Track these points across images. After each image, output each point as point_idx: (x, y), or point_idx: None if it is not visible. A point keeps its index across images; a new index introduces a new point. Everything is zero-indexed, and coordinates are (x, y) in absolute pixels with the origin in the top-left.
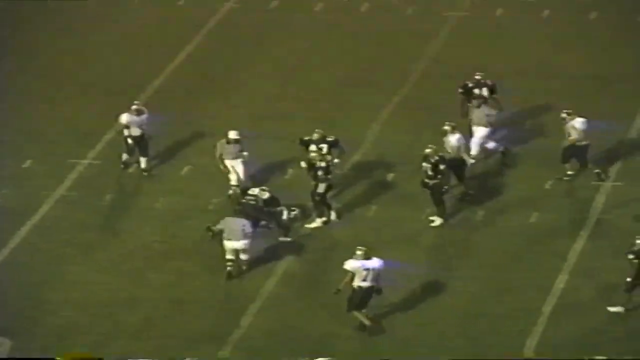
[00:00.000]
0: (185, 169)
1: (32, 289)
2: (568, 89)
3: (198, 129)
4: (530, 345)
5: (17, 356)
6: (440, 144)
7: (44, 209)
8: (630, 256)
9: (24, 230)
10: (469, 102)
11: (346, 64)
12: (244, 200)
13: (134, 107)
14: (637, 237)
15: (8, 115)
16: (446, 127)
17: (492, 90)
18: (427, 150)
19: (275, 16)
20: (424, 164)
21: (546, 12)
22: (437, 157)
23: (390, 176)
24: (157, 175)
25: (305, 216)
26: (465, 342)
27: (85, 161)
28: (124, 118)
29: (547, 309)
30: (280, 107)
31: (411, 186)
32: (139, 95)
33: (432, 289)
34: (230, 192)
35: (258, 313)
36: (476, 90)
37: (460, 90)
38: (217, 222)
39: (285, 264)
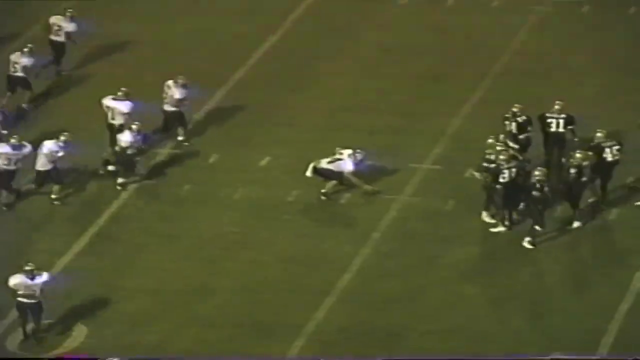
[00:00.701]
0: (265, 160)
1: (108, 276)
2: None
3: (278, 120)
4: (606, 343)
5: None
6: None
7: (123, 197)
8: None
9: (102, 219)
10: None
11: (428, 56)
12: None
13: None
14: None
15: (89, 103)
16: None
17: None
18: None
19: (358, 8)
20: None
21: (632, 9)
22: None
23: (469, 171)
24: (236, 166)
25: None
26: (540, 338)
27: (166, 151)
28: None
29: (623, 307)
30: (360, 100)
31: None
32: (220, 87)
33: (507, 283)
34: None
35: (333, 307)
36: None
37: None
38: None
39: (361, 259)
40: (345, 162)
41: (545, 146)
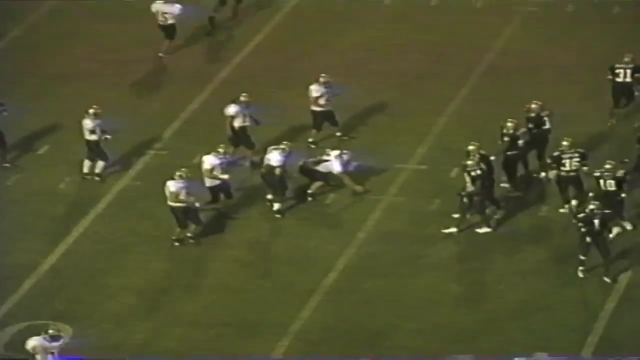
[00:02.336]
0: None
1: (93, 275)
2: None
3: (264, 118)
4: (592, 342)
5: (77, 341)
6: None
7: (108, 197)
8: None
9: (88, 219)
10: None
11: (413, 55)
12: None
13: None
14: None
15: (75, 101)
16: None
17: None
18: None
19: (343, 7)
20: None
21: (617, 9)
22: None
23: (455, 171)
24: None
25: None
26: (525, 335)
27: (151, 151)
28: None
29: (609, 306)
30: (345, 98)
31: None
32: (205, 86)
33: (491, 282)
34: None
35: (318, 306)
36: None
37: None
38: None
39: (346, 258)
40: (333, 162)
41: (613, 96)
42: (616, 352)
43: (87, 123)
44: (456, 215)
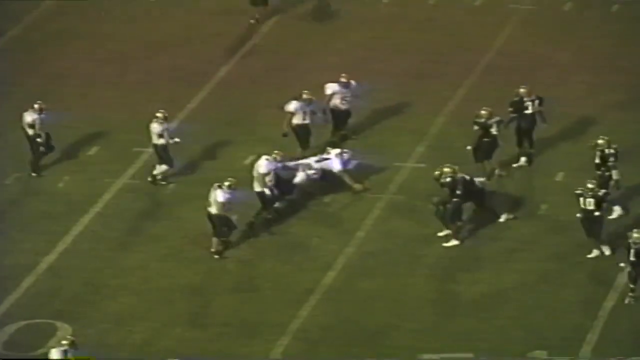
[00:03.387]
0: (249, 159)
1: (92, 275)
2: (635, 84)
3: (262, 118)
4: (591, 340)
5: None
6: None
7: (107, 196)
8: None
9: (87, 218)
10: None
11: (411, 55)
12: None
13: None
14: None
15: (74, 101)
16: None
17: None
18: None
19: (341, 7)
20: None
21: (615, 7)
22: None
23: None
24: (221, 165)
25: None
26: (524, 334)
27: (150, 149)
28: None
29: (608, 303)
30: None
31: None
32: (204, 86)
33: (491, 281)
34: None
35: (317, 305)
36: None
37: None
38: None
39: (345, 257)
40: (333, 161)
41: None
42: (616, 350)
43: (155, 127)
44: (442, 233)
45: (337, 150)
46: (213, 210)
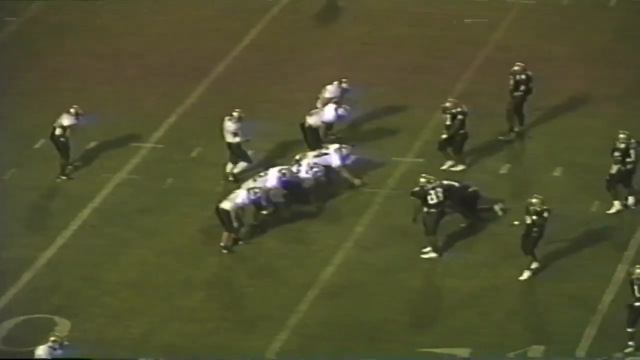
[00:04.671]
0: (248, 153)
1: (91, 270)
2: (633, 79)
3: (260, 113)
4: (589, 335)
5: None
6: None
7: (106, 192)
8: None
9: (85, 213)
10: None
11: (410, 49)
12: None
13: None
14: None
15: (72, 96)
16: None
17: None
18: None
19: (339, 1)
20: None
21: (613, 1)
22: None
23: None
24: (219, 159)
25: None
26: (522, 329)
27: (148, 145)
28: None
29: (607, 298)
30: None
31: (474, 174)
32: (202, 80)
33: (489, 276)
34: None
35: (315, 300)
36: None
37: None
38: None
39: (344, 252)
40: (332, 156)
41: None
42: (614, 345)
43: (229, 125)
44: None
45: (336, 146)
46: (226, 206)
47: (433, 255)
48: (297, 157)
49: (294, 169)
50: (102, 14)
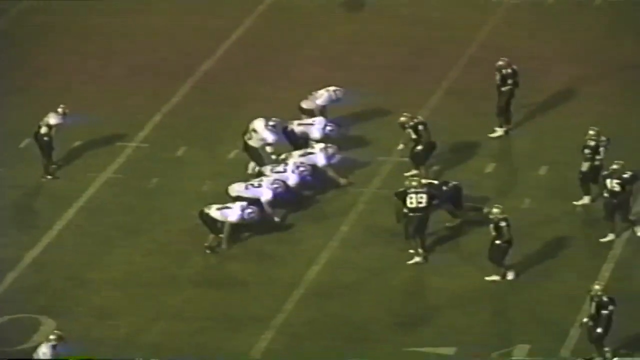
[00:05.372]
0: (233, 153)
1: (76, 269)
2: (617, 77)
3: (245, 112)
4: (574, 335)
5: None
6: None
7: (91, 191)
8: None
9: (71, 212)
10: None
11: (395, 48)
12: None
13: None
14: None
15: (57, 95)
16: None
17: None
18: None
19: (324, 0)
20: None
21: (598, 0)
22: None
23: (433, 162)
24: (204, 159)
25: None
26: (508, 328)
27: (133, 144)
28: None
29: None
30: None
31: (460, 174)
32: (187, 79)
33: (474, 276)
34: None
35: (301, 299)
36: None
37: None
38: None
39: (329, 251)
40: (317, 155)
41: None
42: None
43: (268, 135)
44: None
45: (322, 145)
46: (216, 215)
47: (417, 259)
48: (283, 156)
49: (280, 168)
50: (87, 14)
